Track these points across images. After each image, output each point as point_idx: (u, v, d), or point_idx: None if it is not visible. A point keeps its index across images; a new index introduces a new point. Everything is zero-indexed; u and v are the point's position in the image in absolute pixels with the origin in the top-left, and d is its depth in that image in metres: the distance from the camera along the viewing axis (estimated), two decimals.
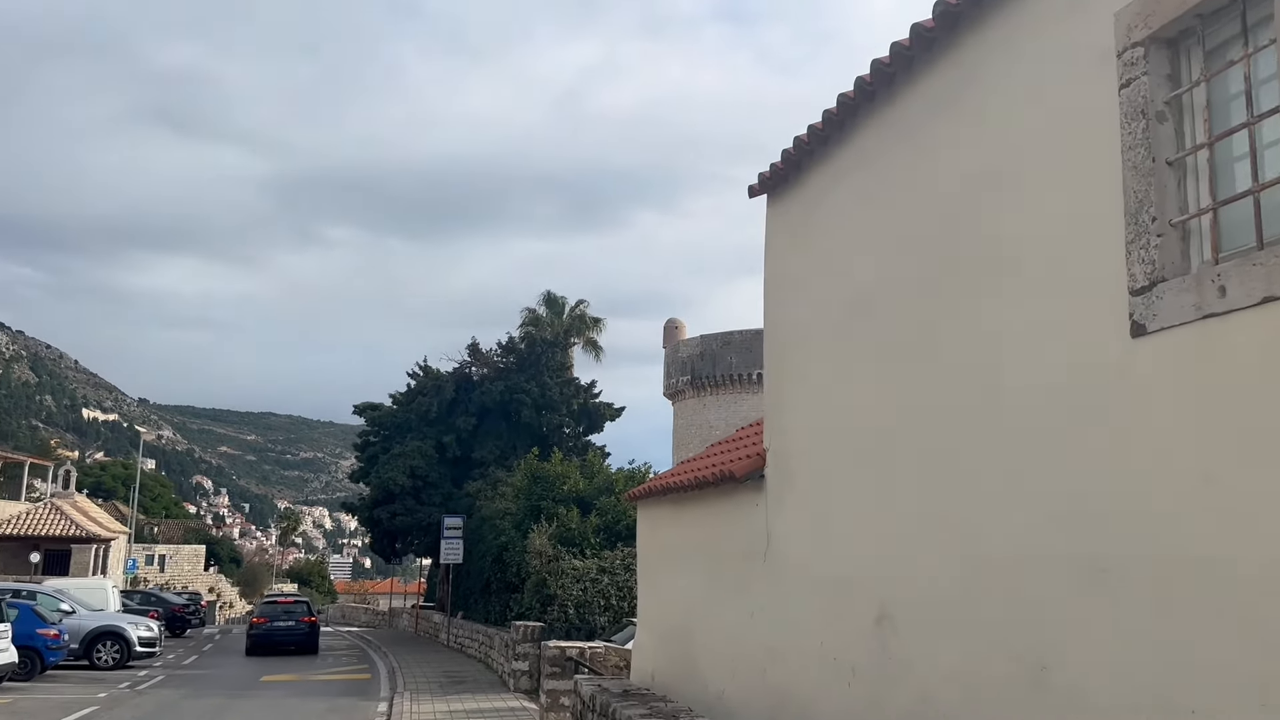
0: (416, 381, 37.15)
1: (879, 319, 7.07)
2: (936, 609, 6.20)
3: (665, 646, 11.60)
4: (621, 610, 22.16)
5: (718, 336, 74.58)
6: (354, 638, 40.02)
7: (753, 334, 73.90)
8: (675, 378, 75.95)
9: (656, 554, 12.32)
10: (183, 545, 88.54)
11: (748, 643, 9.15)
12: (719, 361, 73.33)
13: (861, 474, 7.23)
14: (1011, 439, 5.57)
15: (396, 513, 35.09)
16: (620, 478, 26.04)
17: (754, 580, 9.08)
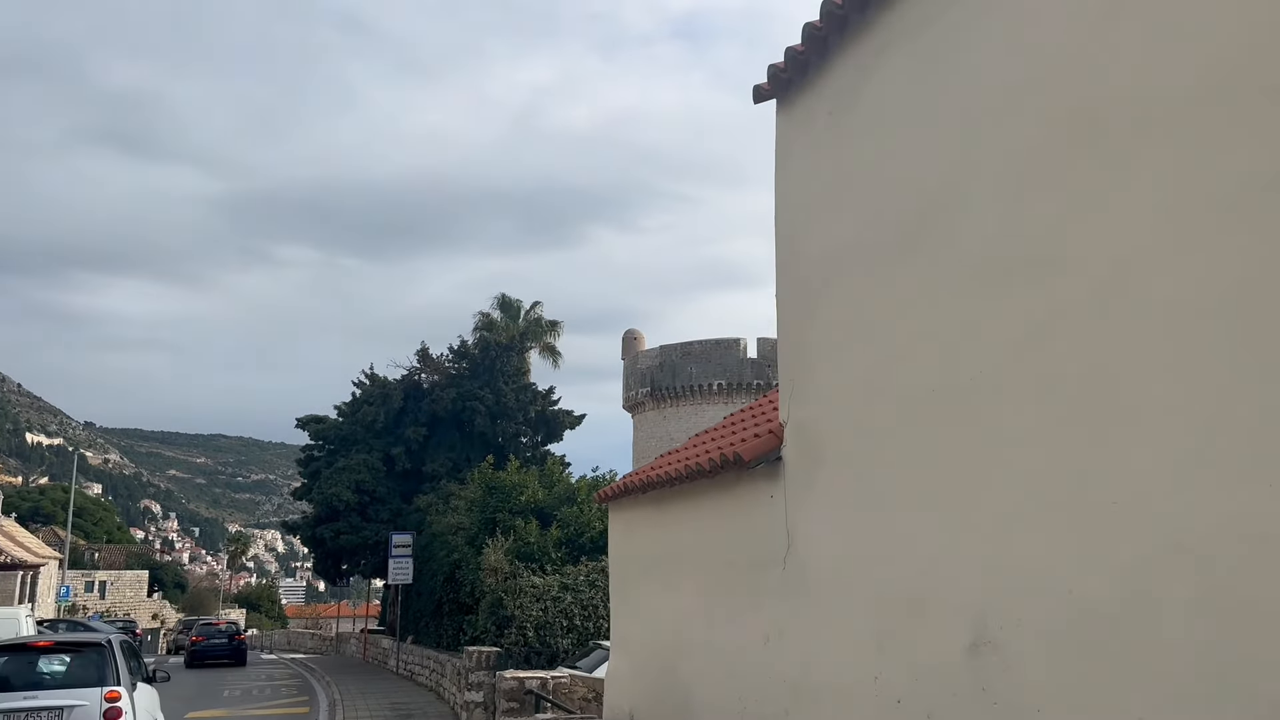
0: (362, 391, 34.62)
1: (967, 225, 5.01)
2: (1082, 627, 4.11)
3: (647, 677, 9.43)
4: (587, 632, 19.93)
5: (677, 347, 72.66)
6: (298, 665, 37.24)
7: (713, 344, 72.08)
8: (634, 389, 73.85)
9: (634, 565, 10.16)
10: (124, 571, 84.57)
11: (761, 675, 7.02)
12: (679, 372, 71.40)
13: (941, 441, 5.14)
14: (1204, 367, 3.53)
15: (341, 531, 32.49)
16: (583, 486, 23.83)
17: (768, 595, 6.97)
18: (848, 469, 6.06)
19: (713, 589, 7.94)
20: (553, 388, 35.00)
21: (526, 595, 20.05)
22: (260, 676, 32.60)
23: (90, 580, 79.94)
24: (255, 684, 29.80)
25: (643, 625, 9.72)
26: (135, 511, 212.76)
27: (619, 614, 10.59)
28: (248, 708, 24.91)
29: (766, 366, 69.62)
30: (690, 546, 8.51)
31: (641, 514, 9.82)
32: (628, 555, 10.31)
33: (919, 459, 5.31)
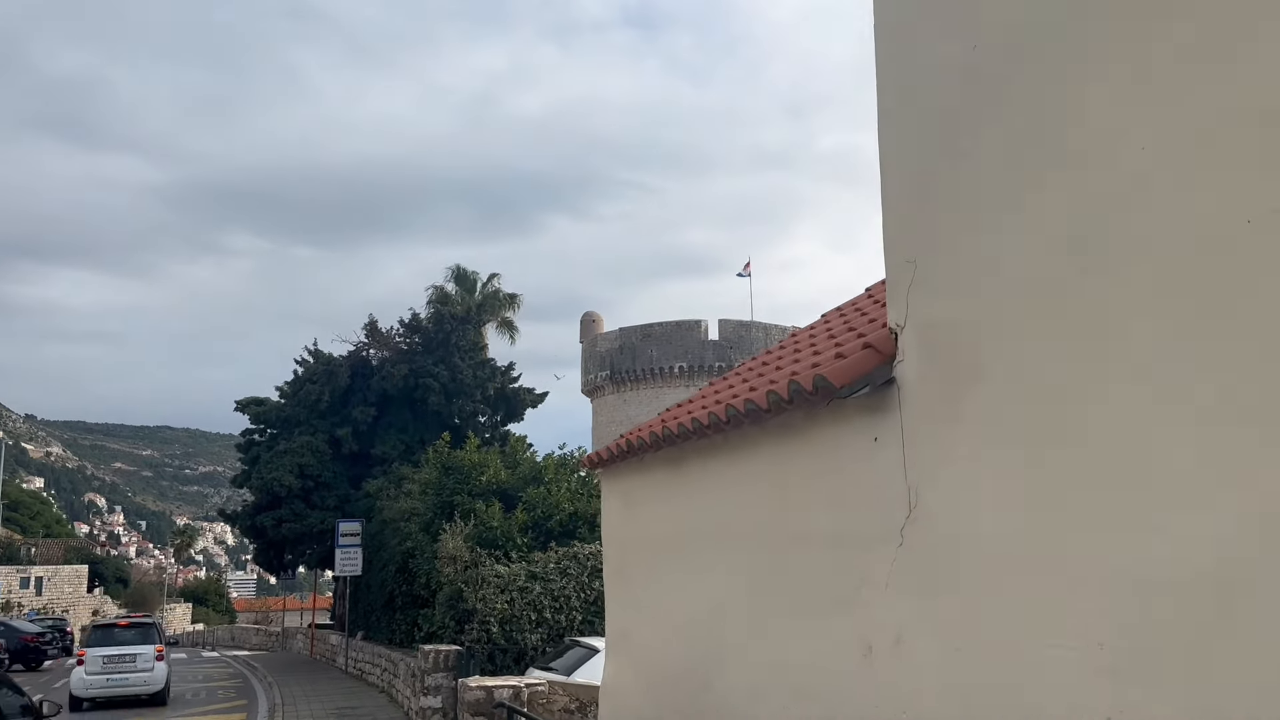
0: (305, 369, 31.78)
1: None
2: None
3: (662, 691, 7.09)
4: (559, 626, 17.58)
5: (637, 329, 70.40)
6: (240, 664, 34.43)
7: (673, 325, 69.91)
8: (594, 373, 71.43)
9: (638, 546, 7.81)
10: (63, 566, 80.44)
11: (860, 702, 4.71)
12: (639, 355, 69.19)
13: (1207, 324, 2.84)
14: None
15: (283, 519, 29.70)
16: (550, 465, 21.40)
17: (873, 586, 4.66)
18: (1030, 386, 3.74)
19: (767, 576, 5.62)
20: (512, 364, 32.47)
21: (490, 586, 17.62)
22: (197, 676, 29.83)
23: (26, 576, 75.84)
24: (190, 685, 27.07)
25: (653, 623, 7.39)
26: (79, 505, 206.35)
27: (617, 608, 8.24)
28: (178, 713, 22.26)
29: (728, 348, 67.62)
30: (729, 518, 6.17)
31: (650, 480, 7.47)
32: (629, 534, 7.96)
33: (1174, 357, 3.02)
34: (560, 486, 20.55)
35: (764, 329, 68.52)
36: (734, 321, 68.53)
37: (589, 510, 20.54)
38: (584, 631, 17.81)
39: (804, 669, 5.20)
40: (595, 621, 17.94)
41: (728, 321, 68.26)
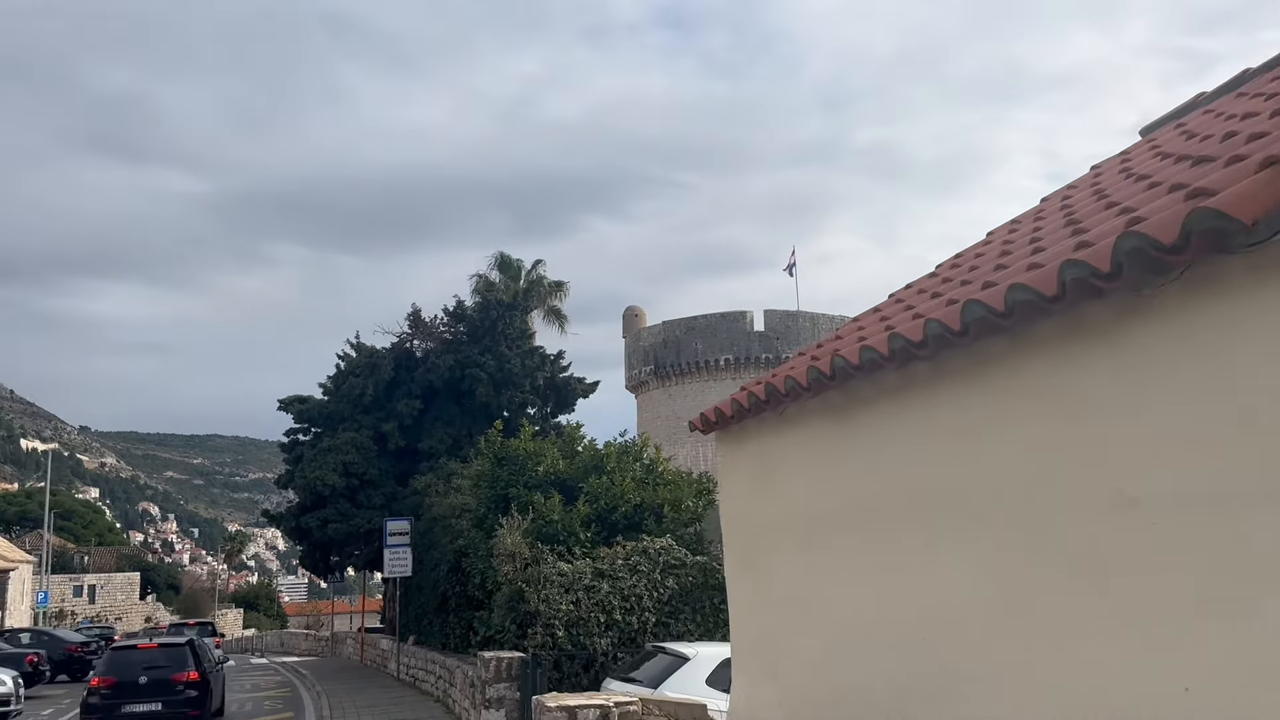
0: (347, 363, 30.11)
1: None
2: None
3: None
4: (630, 629, 15.62)
5: (681, 322, 68.37)
6: (288, 671, 32.87)
7: (718, 317, 67.80)
8: (637, 368, 69.48)
9: (784, 528, 5.79)
10: (115, 574, 79.95)
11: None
12: (684, 348, 67.16)
13: None
14: None
15: (328, 519, 28.01)
16: (611, 452, 19.47)
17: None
18: None
19: (1040, 566, 3.61)
20: (562, 351, 30.52)
21: (553, 585, 15.70)
22: (244, 686, 28.24)
23: (79, 584, 75.37)
24: (236, 696, 25.45)
25: (808, 630, 5.41)
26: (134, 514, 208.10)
27: (749, 609, 6.26)
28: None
29: (775, 339, 65.39)
30: (953, 483, 4.15)
31: (800, 439, 5.48)
32: (766, 513, 5.96)
33: None
34: (624, 475, 18.60)
35: (811, 319, 66.28)
36: (780, 312, 66.28)
37: (655, 501, 18.59)
38: (658, 635, 15.84)
39: (1132, 710, 3.18)
40: (669, 624, 15.99)
41: (774, 312, 66.03)
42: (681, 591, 16.19)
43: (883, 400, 4.68)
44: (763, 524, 5.93)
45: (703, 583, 16.25)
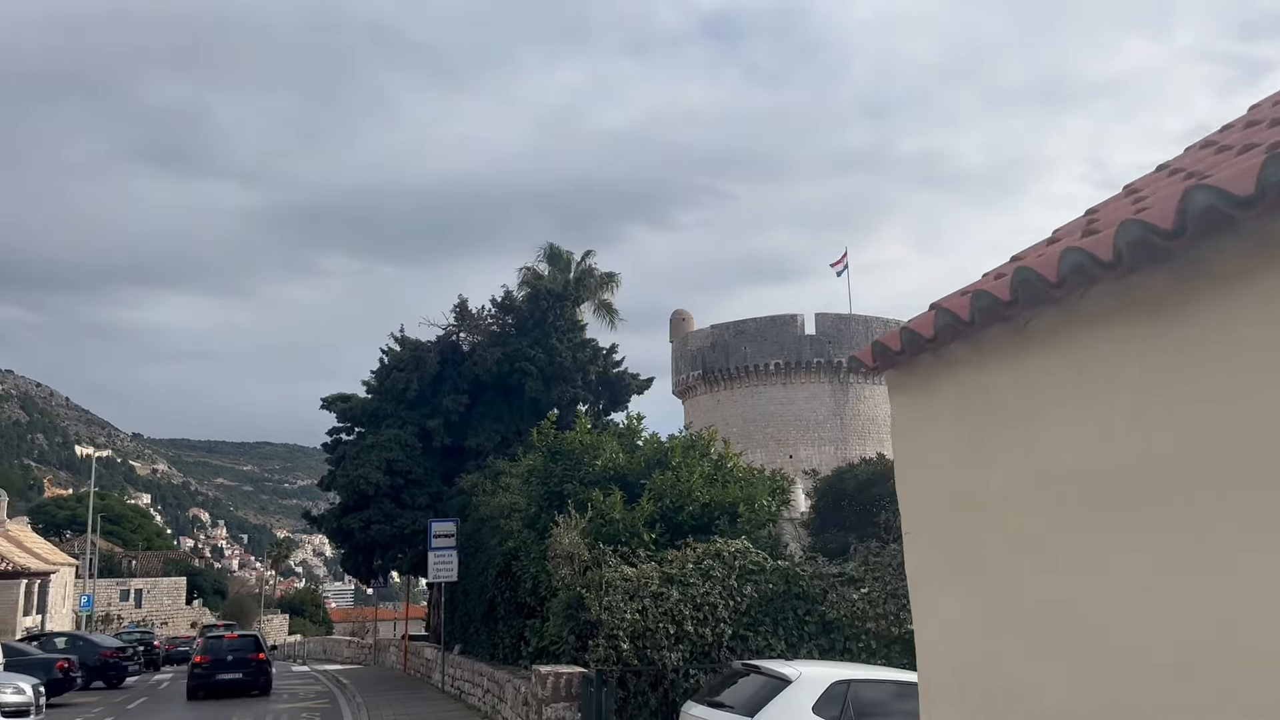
0: (391, 357, 28.52)
1: None
2: None
3: None
4: (703, 642, 13.67)
5: (730, 326, 66.24)
6: (329, 680, 31.26)
7: (768, 321, 65.55)
8: (685, 373, 67.47)
9: (1015, 503, 3.81)
10: (161, 578, 79.37)
11: None
12: (733, 352, 65.03)
13: None
14: None
15: (371, 520, 26.37)
16: (676, 445, 17.54)
17: None
18: None
19: None
20: (615, 345, 28.68)
21: (617, 591, 13.80)
22: (282, 696, 26.63)
23: (125, 588, 74.82)
24: (273, 706, 23.86)
25: (1071, 653, 3.45)
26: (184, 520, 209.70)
27: (952, 619, 4.29)
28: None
29: (826, 343, 63.06)
30: None
31: (1051, 366, 3.54)
32: (987, 483, 3.98)
33: None
34: (692, 471, 16.68)
35: (864, 322, 63.90)
36: (832, 315, 63.96)
37: (726, 500, 16.64)
38: (735, 649, 13.88)
39: None
40: (747, 636, 14.02)
41: (825, 315, 63.72)
42: (761, 600, 14.23)
43: (1215, 293, 2.74)
44: (984, 498, 3.97)
45: (785, 591, 14.28)
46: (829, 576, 14.39)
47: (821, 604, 14.19)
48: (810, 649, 14.05)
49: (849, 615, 14.07)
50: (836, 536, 17.03)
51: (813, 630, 14.11)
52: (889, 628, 14.06)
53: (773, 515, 16.76)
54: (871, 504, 16.66)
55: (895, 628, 14.05)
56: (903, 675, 9.67)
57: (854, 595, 14.20)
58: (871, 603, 14.16)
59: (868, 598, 14.19)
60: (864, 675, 9.58)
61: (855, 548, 15.17)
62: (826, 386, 61.86)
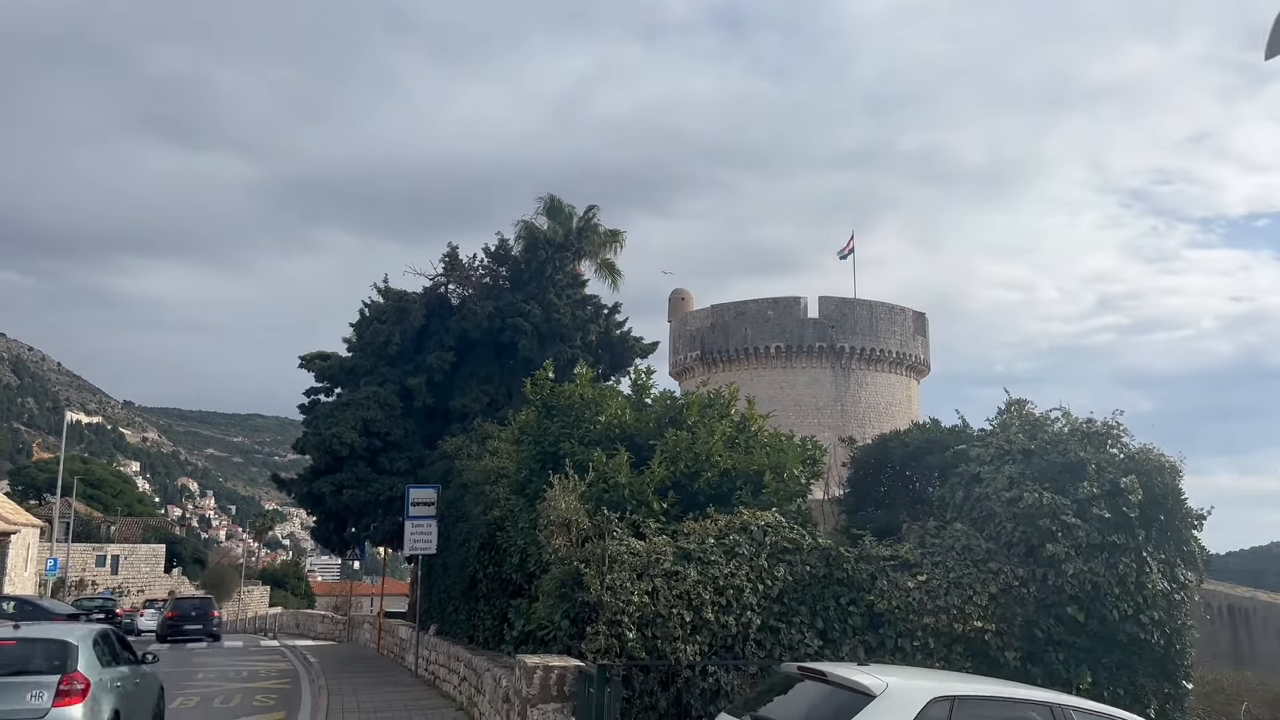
0: (372, 309, 25.72)
1: None
2: None
3: None
4: (725, 633, 10.98)
5: (731, 306, 63.52)
6: (296, 657, 28.56)
7: (770, 302, 62.75)
8: (683, 354, 64.77)
9: None
10: (140, 545, 76.48)
11: None
12: (733, 334, 62.37)
13: None
14: None
15: (344, 484, 23.61)
16: (693, 402, 14.81)
17: None
18: None
19: None
20: (618, 304, 25.93)
21: (623, 568, 11.12)
22: (240, 674, 23.93)
23: (102, 554, 71.91)
24: (225, 687, 21.16)
25: None
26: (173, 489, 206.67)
27: None
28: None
29: (830, 328, 60.40)
30: None
31: None
32: None
33: None
34: (712, 432, 13.98)
35: (869, 307, 61.32)
36: (836, 299, 61.31)
37: (751, 467, 13.96)
38: (764, 643, 11.22)
39: None
40: (779, 628, 11.35)
41: (829, 299, 61.07)
42: (797, 585, 11.57)
43: None
44: None
45: (825, 575, 11.61)
46: (878, 560, 11.74)
47: (869, 592, 11.54)
48: (854, 645, 11.40)
49: (902, 606, 11.42)
50: (876, 515, 14.38)
51: (857, 623, 11.46)
52: (950, 623, 11.43)
53: (804, 487, 14.10)
54: (923, 477, 13.99)
55: (959, 624, 11.43)
56: (1024, 691, 7.06)
57: (909, 583, 11.56)
58: (930, 592, 11.52)
59: (925, 586, 11.55)
60: (973, 690, 6.92)
61: (908, 527, 12.51)
62: (828, 372, 59.31)
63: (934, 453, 13.30)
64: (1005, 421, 12.83)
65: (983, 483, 12.24)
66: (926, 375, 64.63)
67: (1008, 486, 11.87)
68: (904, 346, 61.47)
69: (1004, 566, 11.63)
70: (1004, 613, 11.54)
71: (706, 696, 10.96)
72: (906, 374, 62.36)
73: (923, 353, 63.09)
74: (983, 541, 11.79)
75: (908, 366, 62.14)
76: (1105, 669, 11.59)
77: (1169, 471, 11.91)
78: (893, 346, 61.27)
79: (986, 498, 12.11)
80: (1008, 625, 11.51)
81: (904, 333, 61.79)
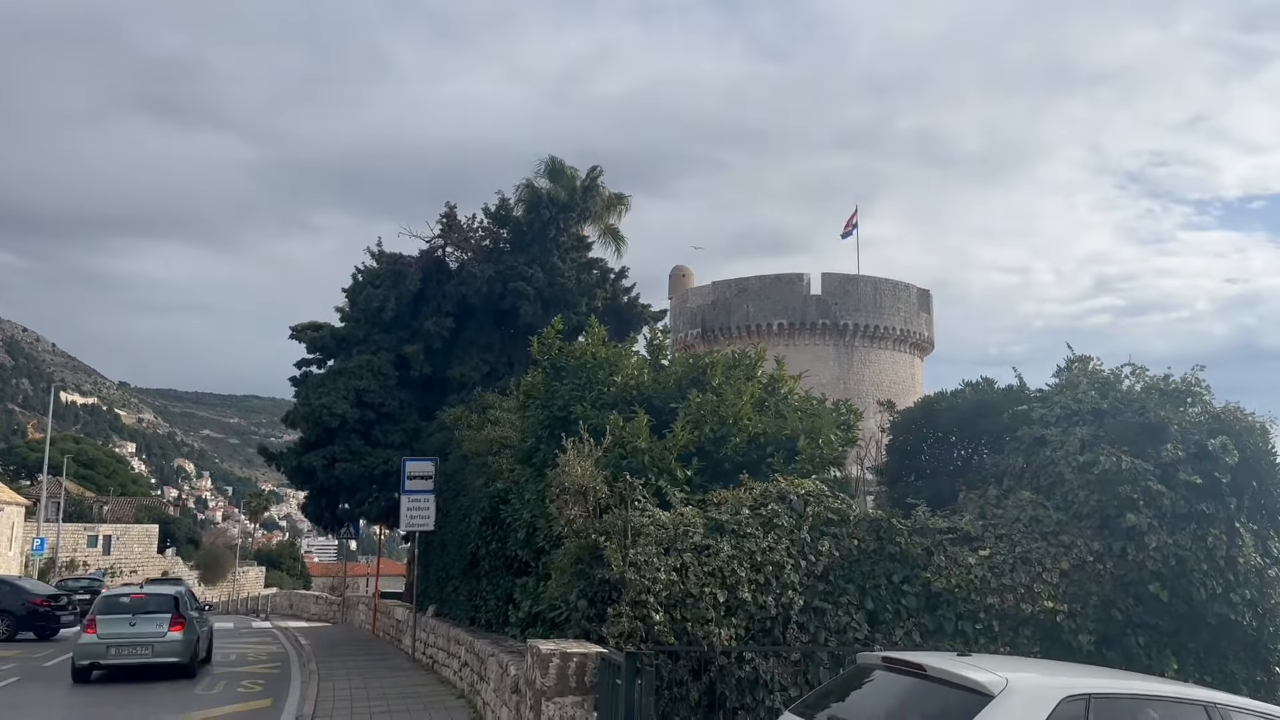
0: (365, 274, 24.19)
1: None
2: None
3: None
4: (764, 615, 9.59)
5: (732, 283, 62.02)
6: (288, 639, 27.20)
7: (772, 279, 61.17)
8: (683, 331, 63.20)
9: None
10: (133, 525, 75.02)
11: None
12: (734, 311, 60.86)
13: None
14: None
15: (336, 457, 22.16)
16: (718, 361, 13.39)
17: None
18: None
19: None
20: (626, 268, 24.45)
21: (649, 541, 9.71)
22: (229, 657, 22.57)
23: (94, 534, 70.45)
24: (212, 670, 19.80)
25: None
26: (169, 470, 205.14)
27: None
28: (185, 703, 15.16)
29: (832, 304, 58.94)
30: None
31: None
32: None
33: None
34: (740, 394, 12.55)
35: (872, 283, 59.82)
36: (839, 275, 59.81)
37: (782, 432, 12.54)
38: (807, 626, 9.84)
39: None
40: (825, 609, 9.95)
41: (832, 275, 59.60)
42: (844, 561, 10.16)
43: None
44: None
45: (875, 549, 10.20)
46: (934, 533, 10.33)
47: (925, 569, 10.14)
48: (908, 629, 10.01)
49: (963, 585, 10.03)
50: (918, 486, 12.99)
51: (912, 604, 10.06)
52: (1018, 604, 10.04)
53: (841, 454, 12.70)
54: (972, 444, 12.58)
55: (1027, 604, 10.04)
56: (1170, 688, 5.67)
57: (969, 559, 10.16)
58: (994, 569, 10.13)
59: (988, 562, 10.16)
60: (1111, 687, 5.52)
61: (964, 496, 11.09)
62: (831, 349, 57.92)
63: (988, 416, 11.87)
64: (1071, 379, 11.41)
65: (1049, 446, 10.84)
66: (931, 353, 63.26)
67: (1080, 450, 10.47)
68: (908, 324, 60.07)
69: (1077, 539, 10.24)
70: (1077, 591, 10.16)
71: (743, 686, 9.58)
72: (911, 351, 60.97)
73: (927, 330, 61.75)
74: (1053, 511, 10.39)
75: (912, 344, 60.76)
76: (1191, 654, 10.22)
77: (1259, 433, 10.50)
78: (897, 324, 59.86)
79: (1054, 463, 10.71)
80: (1081, 605, 10.13)
81: (908, 309, 60.38)
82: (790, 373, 14.17)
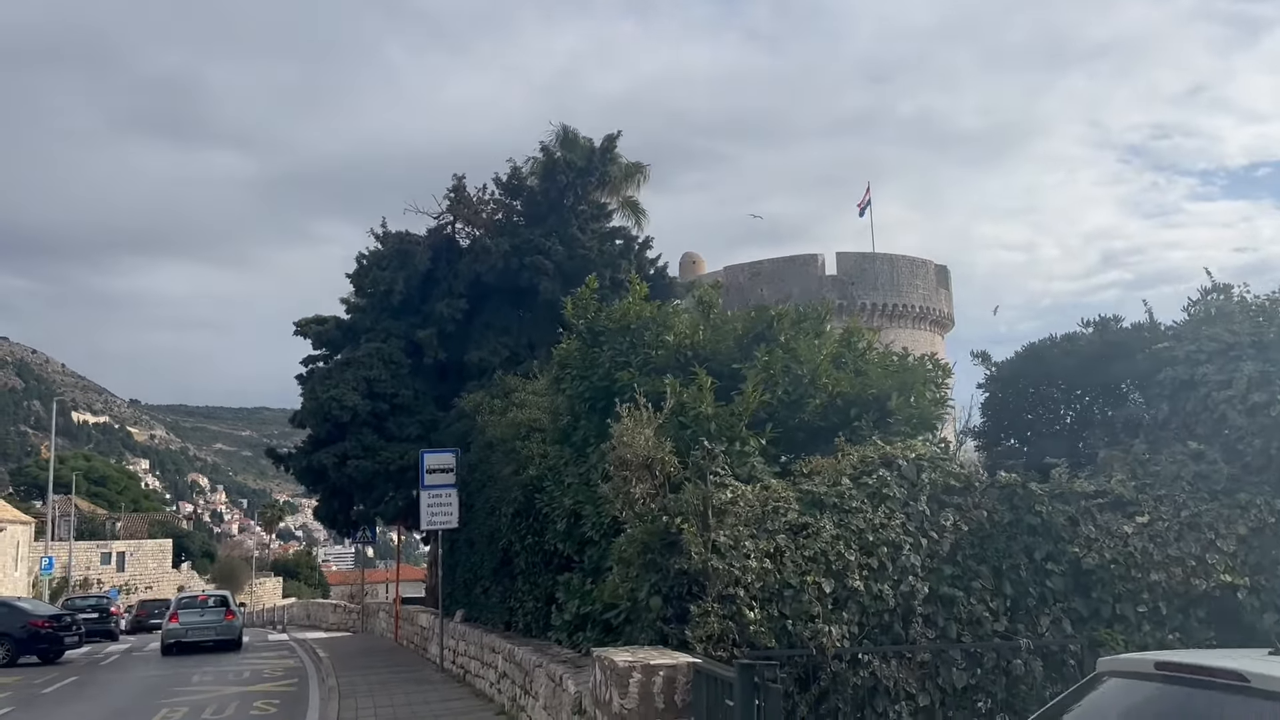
0: (371, 257, 22.29)
1: None
2: None
3: None
4: (880, 607, 7.68)
5: (744, 267, 60.09)
6: (306, 652, 25.32)
7: (785, 261, 59.23)
8: None
9: None
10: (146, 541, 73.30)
11: None
12: (748, 295, 58.64)
13: None
14: None
15: (348, 454, 20.25)
16: (785, 315, 11.43)
17: None
18: None
19: None
20: (650, 237, 22.49)
21: (736, 522, 7.80)
22: (240, 675, 20.69)
23: (107, 551, 68.75)
24: (223, 691, 17.93)
25: None
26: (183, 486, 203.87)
27: None
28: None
29: (849, 284, 56.91)
30: None
31: None
32: None
33: None
34: (815, 349, 10.61)
35: (889, 260, 57.85)
36: (854, 254, 57.85)
37: (867, 391, 10.59)
38: (933, 620, 7.92)
39: None
40: (955, 597, 8.01)
41: (847, 254, 57.63)
42: (973, 537, 8.23)
43: None
44: None
45: (1012, 521, 8.27)
46: (1080, 498, 8.39)
47: (1071, 543, 8.21)
48: (1055, 615, 8.08)
49: (1120, 560, 8.09)
50: (1020, 450, 11.06)
51: (1059, 586, 8.12)
52: (1187, 579, 8.11)
53: (938, 414, 10.76)
54: (1094, 395, 10.61)
55: (1199, 579, 8.10)
56: None
57: (1125, 527, 8.22)
58: (1156, 539, 8.20)
59: (1148, 530, 8.22)
60: None
61: (1105, 454, 9.13)
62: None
63: (1120, 359, 9.90)
64: (1222, 308, 9.45)
65: (1202, 387, 8.89)
66: (951, 330, 61.27)
67: (1248, 389, 8.52)
68: (927, 300, 58.14)
69: (1255, 498, 8.31)
70: (1259, 560, 8.22)
71: (860, 696, 7.68)
72: (931, 329, 58.99)
73: (947, 306, 59.79)
74: (1224, 465, 8.44)
75: (932, 321, 58.83)
76: None
77: None
78: (915, 301, 57.92)
79: (1210, 407, 8.77)
80: (1265, 578, 8.20)
81: (926, 286, 58.42)
82: None
